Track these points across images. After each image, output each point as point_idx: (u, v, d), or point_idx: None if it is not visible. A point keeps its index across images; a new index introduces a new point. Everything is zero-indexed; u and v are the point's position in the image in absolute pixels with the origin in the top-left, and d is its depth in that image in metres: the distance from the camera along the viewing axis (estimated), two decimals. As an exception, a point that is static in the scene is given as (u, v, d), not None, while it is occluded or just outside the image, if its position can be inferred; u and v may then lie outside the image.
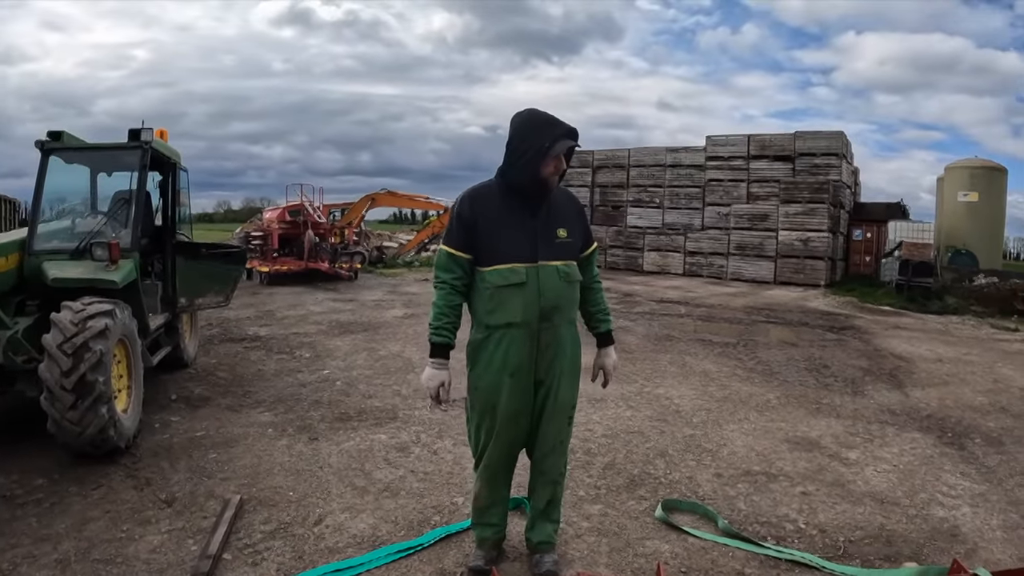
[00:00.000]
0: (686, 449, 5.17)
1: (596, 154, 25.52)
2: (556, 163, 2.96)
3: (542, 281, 2.94)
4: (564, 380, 3.09)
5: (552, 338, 3.01)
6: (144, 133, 6.13)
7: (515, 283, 2.94)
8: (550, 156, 2.92)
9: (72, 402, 4.41)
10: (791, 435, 5.56)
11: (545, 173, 2.95)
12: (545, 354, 3.01)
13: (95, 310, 4.77)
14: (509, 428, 3.08)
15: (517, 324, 2.96)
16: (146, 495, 4.18)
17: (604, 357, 3.36)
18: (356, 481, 4.44)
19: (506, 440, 3.11)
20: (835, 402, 6.65)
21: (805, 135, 21.07)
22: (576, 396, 3.22)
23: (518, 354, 2.98)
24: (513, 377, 2.99)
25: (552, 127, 2.95)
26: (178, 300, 6.82)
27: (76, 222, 6.29)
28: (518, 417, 3.07)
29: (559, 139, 2.93)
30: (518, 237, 2.96)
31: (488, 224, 2.98)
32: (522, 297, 2.94)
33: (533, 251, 2.95)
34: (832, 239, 20.28)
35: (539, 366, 3.02)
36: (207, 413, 5.98)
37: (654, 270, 22.75)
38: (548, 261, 2.97)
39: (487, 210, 3.00)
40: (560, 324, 3.02)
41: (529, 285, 2.94)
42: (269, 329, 10.45)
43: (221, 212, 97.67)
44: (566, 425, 3.18)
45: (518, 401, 3.04)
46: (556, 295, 2.97)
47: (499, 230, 2.97)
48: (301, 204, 19.49)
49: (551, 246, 2.99)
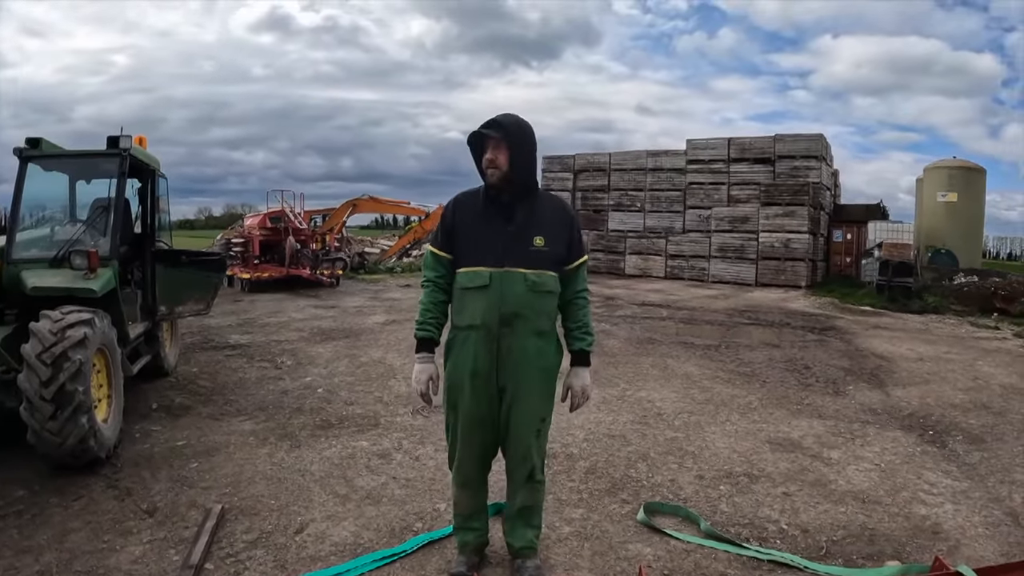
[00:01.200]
0: (668, 452, 5.18)
1: (577, 158, 25.65)
2: (486, 155, 3.00)
3: (505, 287, 2.93)
4: (530, 391, 3.03)
5: (514, 345, 2.97)
6: (123, 140, 6.06)
7: (478, 286, 2.96)
8: (483, 152, 3.01)
9: (52, 412, 4.35)
10: (773, 436, 5.60)
11: (482, 165, 3.03)
12: (507, 360, 2.98)
13: (74, 319, 4.71)
14: (475, 432, 3.08)
15: (477, 327, 2.98)
16: (127, 505, 4.14)
17: (573, 377, 3.23)
18: (338, 489, 4.41)
19: (473, 444, 3.11)
20: (817, 402, 6.69)
21: (785, 138, 21.27)
22: (547, 409, 3.14)
23: (477, 357, 2.99)
24: (474, 379, 3.00)
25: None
26: (158, 308, 6.76)
27: (55, 230, 6.23)
28: (482, 422, 3.06)
29: (476, 130, 3.01)
30: (489, 241, 2.97)
31: (465, 227, 3.03)
32: (484, 300, 2.95)
33: (500, 256, 2.95)
34: (812, 241, 20.48)
35: (500, 372, 3.00)
36: (188, 422, 5.91)
37: (636, 273, 22.86)
38: (516, 268, 2.95)
39: (467, 214, 3.05)
40: (523, 332, 2.97)
41: (491, 289, 2.94)
42: (250, 336, 10.37)
43: (202, 219, 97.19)
44: (534, 437, 3.11)
45: (480, 405, 3.03)
46: (518, 302, 2.94)
47: (473, 234, 3.01)
48: (282, 211, 19.36)
49: (523, 253, 2.96)
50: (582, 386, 3.22)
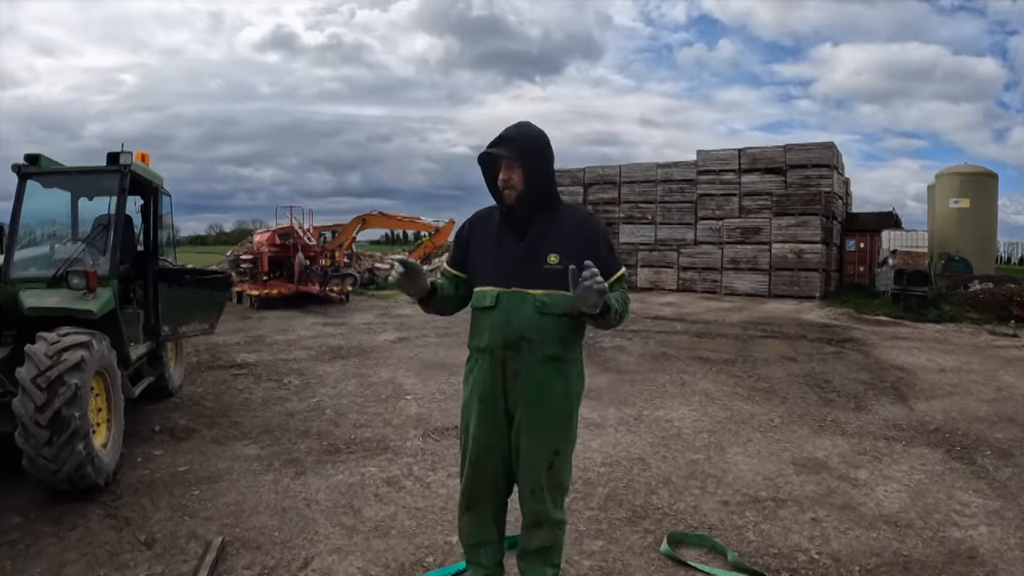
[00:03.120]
0: (690, 476, 4.96)
1: (587, 171, 25.54)
2: (500, 175, 2.82)
3: (511, 308, 2.76)
4: (539, 420, 2.80)
5: (521, 369, 2.76)
6: (123, 156, 5.92)
7: (486, 307, 2.82)
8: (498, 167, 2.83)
9: (47, 438, 4.21)
10: (797, 456, 5.38)
11: (497, 185, 2.84)
12: (514, 385, 2.79)
13: (71, 342, 4.57)
14: (483, 459, 2.89)
15: (483, 349, 2.84)
16: (125, 536, 3.97)
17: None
18: (344, 520, 4.22)
19: (482, 470, 2.91)
20: (839, 419, 6.47)
21: (795, 147, 21.10)
22: (561, 441, 2.87)
23: (484, 379, 2.84)
24: (482, 403, 2.85)
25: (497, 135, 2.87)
26: (161, 328, 6.61)
27: (55, 248, 6.09)
28: (490, 448, 2.87)
29: (486, 149, 2.83)
30: (499, 260, 2.82)
31: (479, 246, 2.92)
32: (491, 322, 2.80)
33: (509, 276, 2.78)
34: (826, 250, 20.24)
35: (508, 397, 2.82)
36: (191, 446, 5.75)
37: (647, 287, 22.63)
38: (525, 289, 2.75)
39: (483, 232, 2.93)
40: (531, 357, 2.75)
41: (498, 310, 2.78)
42: (258, 355, 10.22)
43: (213, 234, 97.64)
44: (545, 469, 2.84)
45: (489, 430, 2.85)
46: (524, 325, 2.74)
47: (485, 252, 2.88)
48: (291, 227, 19.28)
49: (533, 273, 2.76)
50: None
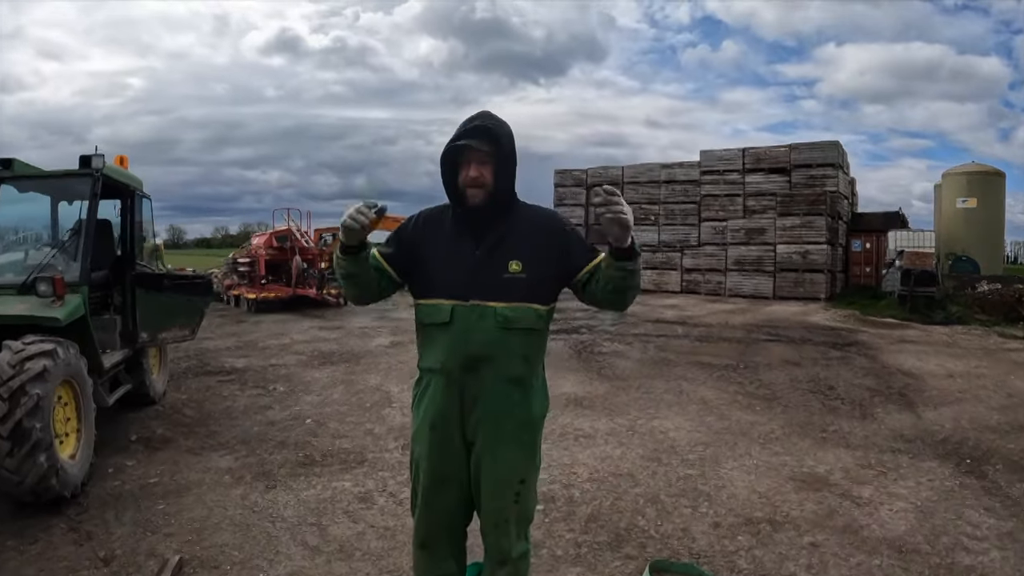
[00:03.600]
0: (680, 493, 4.67)
1: (589, 172, 25.30)
2: (465, 171, 2.43)
3: (470, 324, 2.40)
4: (502, 448, 2.48)
5: (481, 393, 2.43)
6: (95, 160, 5.77)
7: (439, 322, 2.45)
8: (460, 163, 2.44)
9: (8, 449, 4.09)
10: (797, 471, 5.09)
11: (460, 183, 2.45)
12: (473, 411, 2.45)
13: (34, 351, 4.45)
14: (438, 494, 2.54)
15: (437, 370, 2.47)
16: (85, 551, 3.85)
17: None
18: (309, 539, 3.99)
19: (435, 505, 2.56)
20: (843, 428, 6.20)
21: (800, 146, 20.84)
22: (527, 469, 2.56)
23: (437, 405, 2.48)
24: (434, 431, 2.49)
25: (461, 126, 2.45)
26: (139, 335, 6.40)
27: (29, 254, 5.97)
28: (445, 481, 2.52)
29: (452, 142, 2.43)
30: (454, 269, 2.45)
31: (430, 250, 2.51)
32: (445, 340, 2.44)
33: (466, 287, 2.42)
34: (831, 251, 19.93)
35: (466, 424, 2.47)
36: (165, 456, 5.57)
37: (651, 288, 22.28)
38: (485, 301, 2.41)
39: (434, 234, 2.52)
40: (493, 379, 2.43)
41: (453, 327, 2.42)
42: (247, 360, 10.00)
43: (219, 237, 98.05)
44: (511, 502, 2.53)
45: (443, 462, 2.50)
46: (485, 343, 2.40)
47: (437, 259, 2.49)
48: (288, 230, 19.09)
49: (493, 282, 2.41)
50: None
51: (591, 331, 12.48)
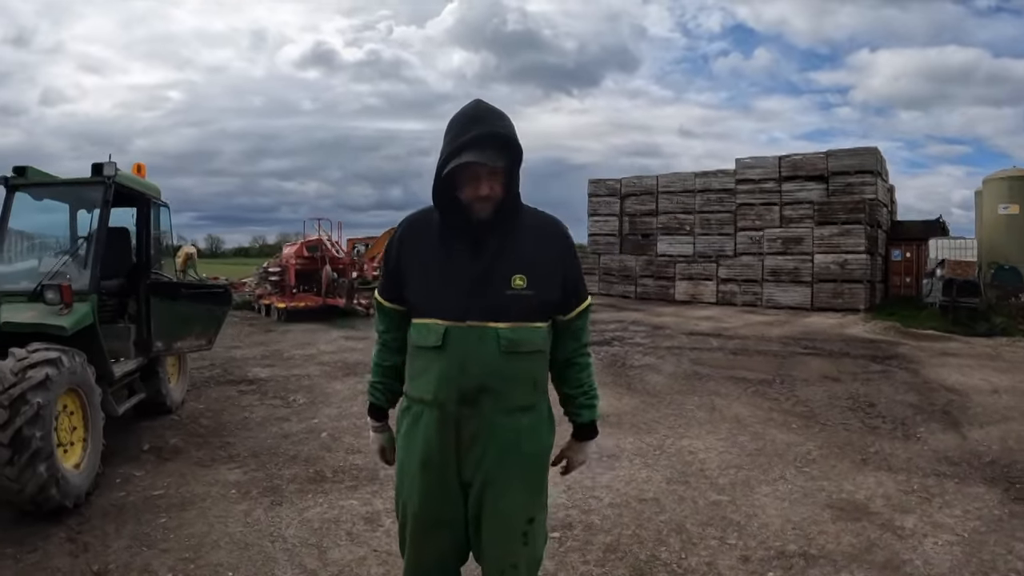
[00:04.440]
0: (708, 522, 4.33)
1: (624, 182, 25.04)
2: (474, 187, 2.08)
3: (467, 348, 2.08)
4: (508, 486, 2.16)
5: (481, 429, 2.11)
6: (106, 167, 5.76)
7: (431, 346, 2.12)
8: (463, 176, 2.08)
9: (8, 457, 4.06)
10: (835, 498, 4.73)
11: (465, 198, 2.11)
12: (472, 449, 2.13)
13: (38, 359, 4.41)
14: (428, 536, 2.22)
15: (429, 402, 2.14)
16: (79, 563, 3.79)
17: (574, 452, 2.43)
18: (307, 562, 3.79)
19: (425, 551, 2.25)
20: (884, 449, 5.83)
21: (838, 153, 20.35)
22: (536, 507, 2.26)
23: (429, 442, 2.14)
24: (427, 470, 2.15)
25: (461, 130, 2.07)
26: (153, 344, 6.30)
27: (42, 261, 5.95)
28: (438, 524, 2.20)
29: (456, 154, 2.04)
30: (447, 284, 2.12)
31: (420, 264, 2.19)
32: (438, 367, 2.11)
33: (463, 305, 2.09)
34: (870, 261, 19.38)
35: (463, 463, 2.14)
36: (174, 468, 5.46)
37: (686, 300, 21.92)
38: (484, 321, 2.08)
39: (422, 245, 2.20)
40: (495, 413, 2.11)
41: (448, 352, 2.09)
42: (271, 370, 9.89)
43: (256, 247, 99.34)
44: (519, 545, 2.21)
45: (436, 505, 2.18)
46: (486, 371, 2.08)
47: (428, 273, 2.16)
48: (319, 239, 19.06)
49: (495, 300, 2.09)
50: (581, 462, 2.48)
51: (623, 343, 12.19)
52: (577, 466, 2.47)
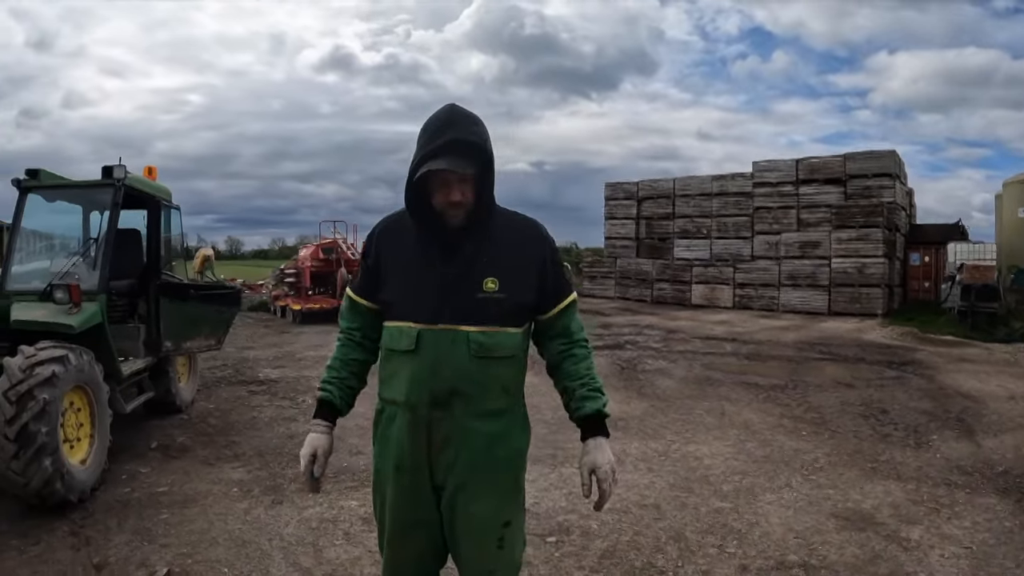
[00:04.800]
0: (708, 530, 4.26)
1: (641, 185, 24.98)
2: (444, 193, 2.07)
3: (438, 352, 2.06)
4: (481, 489, 2.12)
5: (452, 432, 2.09)
6: (116, 170, 5.84)
7: (403, 349, 2.10)
8: (434, 182, 2.06)
9: (14, 452, 4.16)
10: (841, 507, 4.65)
11: (437, 204, 2.09)
12: (442, 453, 2.10)
13: (45, 356, 4.51)
14: (406, 540, 2.20)
15: (401, 404, 2.11)
16: (80, 557, 3.88)
17: (591, 454, 2.18)
18: (302, 560, 3.81)
19: (404, 552, 2.23)
20: (895, 458, 5.75)
21: (856, 156, 20.17)
22: (511, 510, 2.21)
23: (403, 446, 2.12)
24: (400, 473, 2.13)
25: (433, 135, 2.05)
26: (163, 344, 6.37)
27: (53, 262, 6.04)
28: (415, 525, 2.17)
29: (427, 160, 2.02)
30: (420, 287, 2.11)
31: (394, 265, 2.18)
32: (410, 370, 2.09)
33: (435, 307, 2.08)
34: (888, 265, 19.19)
35: (436, 467, 2.12)
36: (179, 466, 5.55)
37: (702, 303, 21.77)
38: (456, 325, 2.07)
39: (397, 247, 2.19)
40: (466, 417, 2.09)
41: (420, 355, 2.07)
42: (282, 371, 9.97)
43: (276, 249, 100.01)
44: (494, 548, 2.16)
45: (412, 506, 2.15)
46: (457, 374, 2.06)
47: (402, 275, 2.16)
48: (334, 241, 19.17)
49: (466, 303, 2.08)
50: (609, 465, 2.16)
51: (636, 347, 12.14)
52: (606, 474, 2.14)
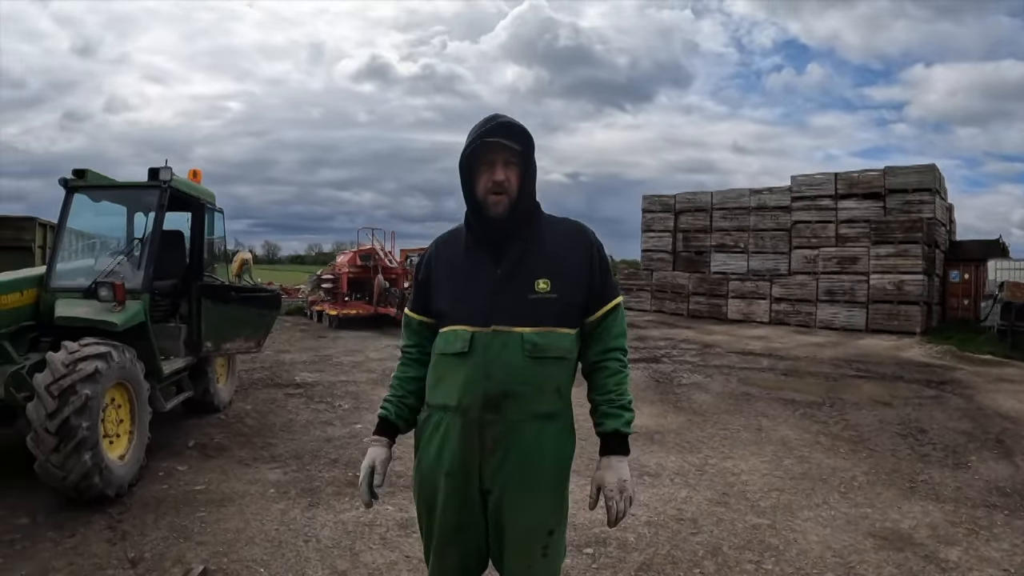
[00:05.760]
0: (745, 545, 4.20)
1: (678, 198, 24.87)
2: (488, 175, 2.14)
3: (491, 353, 2.07)
4: (529, 496, 2.12)
5: (504, 436, 2.08)
6: (163, 172, 5.97)
7: (456, 352, 2.11)
8: (479, 167, 2.15)
9: (55, 445, 4.24)
10: (879, 526, 4.57)
11: (480, 192, 2.16)
12: (493, 456, 2.09)
13: (89, 352, 4.61)
14: (452, 545, 2.19)
15: (452, 409, 2.12)
16: (116, 551, 3.92)
17: (605, 471, 2.16)
18: (338, 563, 3.82)
19: (450, 561, 2.21)
20: (933, 478, 5.64)
21: (895, 170, 19.91)
22: (556, 518, 2.20)
23: (454, 451, 2.12)
24: (451, 479, 2.13)
25: (480, 126, 2.15)
26: (203, 344, 6.46)
27: (98, 260, 6.17)
28: (462, 532, 2.17)
29: (473, 141, 2.12)
30: (472, 291, 2.14)
31: (446, 276, 2.23)
32: (462, 373, 2.09)
33: (487, 310, 2.10)
34: (927, 282, 18.85)
35: (484, 471, 2.11)
36: (216, 464, 5.62)
37: (738, 318, 21.56)
38: (508, 326, 2.08)
39: (449, 259, 2.25)
40: (518, 419, 2.08)
41: (473, 357, 2.08)
42: (319, 375, 10.05)
43: (312, 254, 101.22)
44: (539, 556, 2.17)
45: (459, 511, 2.14)
46: (510, 376, 2.06)
47: (454, 283, 2.20)
48: (372, 248, 19.32)
49: (518, 304, 2.10)
50: (619, 482, 2.13)
51: (672, 361, 12.07)
52: (615, 491, 2.13)
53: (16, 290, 5.22)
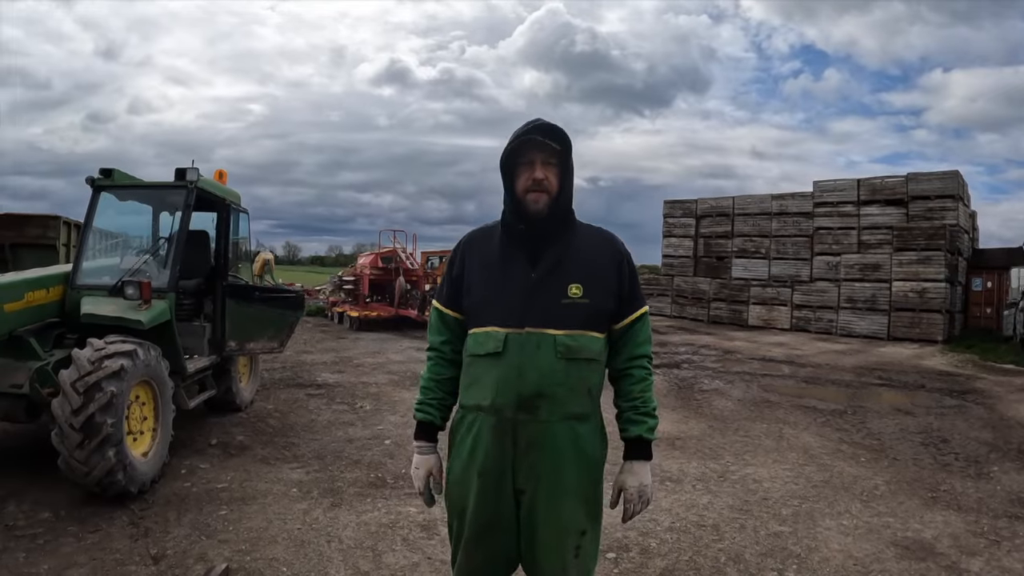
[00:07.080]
0: (768, 553, 4.18)
1: (699, 203, 24.73)
2: (528, 173, 2.19)
3: (526, 354, 2.11)
4: (561, 496, 2.16)
5: (537, 436, 2.13)
6: (189, 172, 6.02)
7: (490, 353, 2.15)
8: (519, 166, 2.20)
9: (79, 441, 4.28)
10: (900, 535, 4.54)
11: (519, 190, 2.20)
12: (526, 456, 2.13)
13: (115, 350, 4.66)
14: (482, 542, 2.21)
15: (486, 409, 2.15)
16: (139, 547, 3.95)
17: (627, 475, 2.27)
18: (361, 564, 3.84)
19: (479, 559, 2.23)
20: (955, 488, 5.59)
21: (918, 176, 19.72)
22: (589, 518, 2.23)
23: (487, 450, 2.15)
24: (482, 478, 2.15)
25: (520, 128, 2.22)
26: (226, 343, 6.52)
27: (124, 259, 6.24)
28: (491, 531, 2.19)
29: (514, 140, 2.19)
30: (506, 292, 2.17)
31: (479, 275, 2.26)
32: (496, 374, 2.13)
33: (521, 312, 2.14)
34: (950, 290, 18.65)
35: (518, 471, 2.15)
36: (238, 463, 5.66)
37: (759, 325, 21.45)
38: (542, 328, 2.13)
39: (482, 257, 2.28)
40: (551, 419, 2.13)
41: (507, 358, 2.12)
42: (340, 376, 10.13)
43: (332, 256, 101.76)
44: (570, 557, 2.19)
45: (492, 509, 2.17)
46: (544, 377, 2.11)
47: (487, 283, 2.23)
48: (393, 250, 19.38)
49: (552, 307, 2.15)
50: (639, 487, 2.25)
51: (693, 367, 12.03)
52: (634, 494, 2.25)
53: (42, 287, 5.29)
